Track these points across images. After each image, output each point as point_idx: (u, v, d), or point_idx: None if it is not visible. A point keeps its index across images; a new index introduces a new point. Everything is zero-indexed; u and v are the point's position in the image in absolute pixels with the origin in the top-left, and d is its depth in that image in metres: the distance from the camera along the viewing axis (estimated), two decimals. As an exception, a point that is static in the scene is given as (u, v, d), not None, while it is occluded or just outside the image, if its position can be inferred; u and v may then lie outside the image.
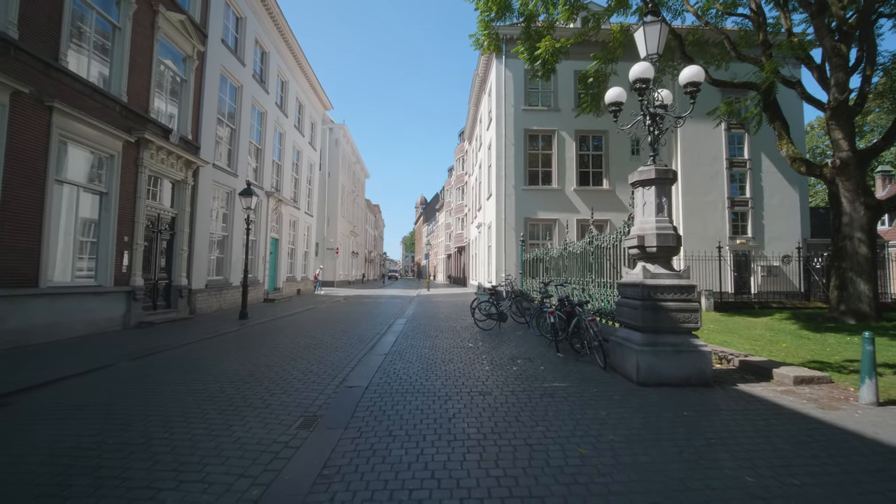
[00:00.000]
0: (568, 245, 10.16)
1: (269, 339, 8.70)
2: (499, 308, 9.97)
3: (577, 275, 9.55)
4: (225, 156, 14.13)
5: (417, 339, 8.56)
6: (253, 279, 16.15)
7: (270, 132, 17.55)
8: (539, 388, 4.98)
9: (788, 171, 19.79)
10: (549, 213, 18.90)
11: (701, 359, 5.04)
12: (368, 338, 8.80)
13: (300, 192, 22.38)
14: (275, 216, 18.65)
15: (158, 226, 10.85)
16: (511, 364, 6.27)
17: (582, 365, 6.13)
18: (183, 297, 11.52)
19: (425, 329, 10.05)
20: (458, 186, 41.06)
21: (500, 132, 19.16)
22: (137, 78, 9.81)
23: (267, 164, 17.24)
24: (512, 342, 8.26)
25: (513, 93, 19.28)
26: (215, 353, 7.14)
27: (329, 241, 31.92)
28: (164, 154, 10.61)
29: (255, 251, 16.43)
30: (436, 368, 6.04)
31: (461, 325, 10.82)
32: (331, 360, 6.62)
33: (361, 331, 9.84)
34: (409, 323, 11.23)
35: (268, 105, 17.17)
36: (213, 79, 12.84)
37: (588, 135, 19.46)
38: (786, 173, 19.83)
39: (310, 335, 9.14)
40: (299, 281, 22.29)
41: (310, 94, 23.46)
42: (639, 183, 5.71)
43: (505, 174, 18.93)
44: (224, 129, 14.00)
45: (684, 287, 5.18)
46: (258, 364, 6.34)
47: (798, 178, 19.94)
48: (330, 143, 32.97)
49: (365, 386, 5.15)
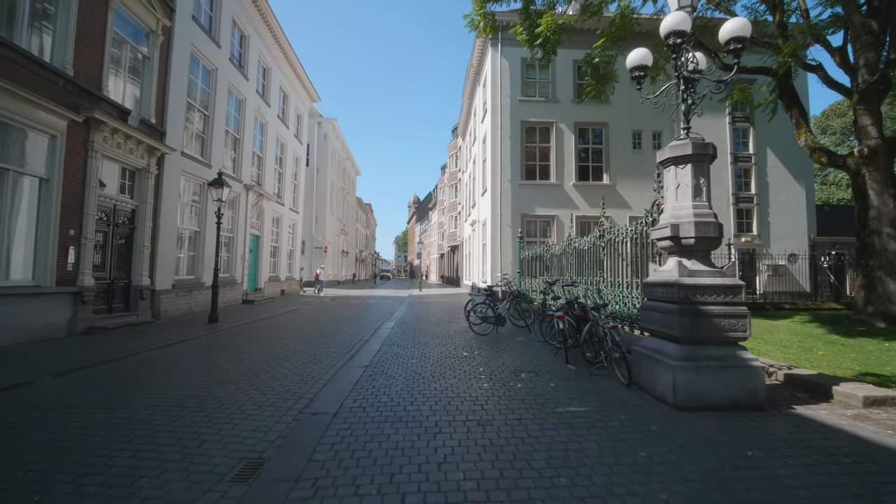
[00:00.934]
0: (572, 241, 9.18)
1: (235, 347, 7.59)
2: (496, 311, 8.95)
3: (583, 274, 8.57)
4: (197, 144, 12.96)
5: (405, 347, 7.50)
6: (230, 279, 14.98)
7: (250, 122, 16.38)
8: (553, 415, 3.97)
9: (794, 167, 19.07)
10: (548, 210, 17.94)
11: (752, 376, 4.06)
12: (349, 346, 7.73)
13: (285, 187, 21.20)
14: (255, 212, 17.47)
15: (115, 218, 9.67)
16: (514, 379, 5.25)
17: (599, 381, 5.13)
18: (144, 299, 10.34)
19: (414, 335, 9.00)
20: (451, 184, 40.04)
21: (495, 124, 18.16)
22: (87, 50, 8.65)
23: (246, 156, 16.06)
24: (512, 350, 7.24)
25: (509, 82, 18.29)
26: (164, 366, 6.03)
27: (317, 239, 30.72)
28: (120, 138, 9.45)
29: (233, 249, 15.26)
30: (424, 386, 4.99)
31: (454, 329, 9.79)
32: (299, 375, 5.54)
33: (343, 337, 8.77)
34: (398, 327, 10.17)
35: (247, 92, 15.99)
36: (182, 58, 11.67)
37: (588, 127, 18.54)
38: (792, 168, 19.12)
39: (283, 342, 8.05)
40: (283, 281, 21.10)
41: (295, 84, 22.28)
42: (670, 161, 4.71)
43: (501, 168, 17.94)
44: (196, 115, 12.83)
45: (730, 287, 4.19)
46: (210, 380, 5.25)
47: (804, 173, 19.22)
48: (318, 137, 31.76)
49: (333, 412, 4.09)
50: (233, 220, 15.33)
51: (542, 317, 8.28)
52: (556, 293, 8.72)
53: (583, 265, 8.61)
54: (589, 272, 8.25)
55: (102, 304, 9.36)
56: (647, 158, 18.50)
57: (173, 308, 11.51)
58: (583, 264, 8.60)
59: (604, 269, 7.27)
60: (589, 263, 8.23)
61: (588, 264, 8.28)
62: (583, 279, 8.33)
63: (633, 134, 18.65)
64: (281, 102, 20.59)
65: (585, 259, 8.41)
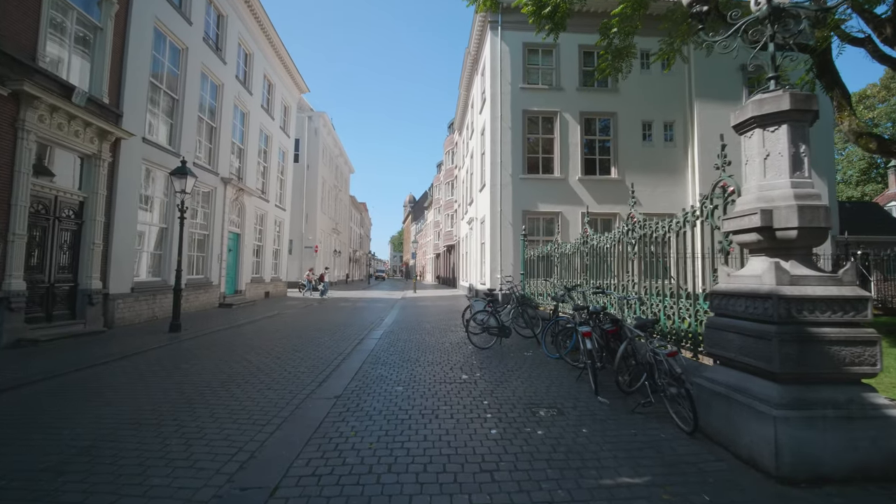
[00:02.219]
0: (589, 238, 7.88)
1: (185, 364, 6.24)
2: (500, 320, 7.64)
3: (602, 277, 7.28)
4: (163, 130, 11.57)
5: (391, 367, 6.18)
6: (203, 280, 13.60)
7: (228, 109, 15.00)
8: (599, 492, 2.66)
9: (815, 162, 17.85)
10: (551, 206, 16.64)
11: (891, 431, 2.76)
12: (324, 363, 6.40)
13: (270, 183, 19.81)
14: (236, 207, 16.08)
15: (56, 212, 8.29)
16: (531, 419, 3.94)
17: (647, 424, 3.82)
18: (94, 305, 8.96)
19: (404, 348, 7.67)
20: (447, 181, 38.72)
21: (495, 113, 16.84)
22: (16, 11, 7.27)
23: (224, 146, 14.68)
24: (522, 371, 5.93)
25: (510, 69, 16.97)
26: (79, 395, 4.67)
27: (307, 238, 29.33)
28: (62, 118, 8.08)
29: (208, 248, 13.87)
30: (410, 433, 3.67)
31: (451, 340, 8.47)
32: (248, 410, 4.20)
33: (320, 350, 7.43)
34: (386, 338, 8.84)
35: (225, 77, 14.61)
36: (143, 32, 10.29)
37: (594, 117, 17.26)
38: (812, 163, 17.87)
39: (246, 358, 6.70)
40: (268, 282, 19.71)
41: (281, 73, 20.89)
42: (755, 121, 3.39)
43: (501, 161, 16.62)
44: (162, 98, 11.45)
45: (851, 300, 2.90)
46: (126, 421, 3.90)
47: (826, 169, 18.01)
48: (309, 132, 30.36)
49: (273, 486, 2.76)
50: (208, 215, 13.95)
51: (555, 328, 6.98)
52: (576, 300, 7.41)
53: (603, 266, 7.31)
54: (610, 275, 6.96)
55: (39, 311, 7.98)
56: (657, 151, 17.26)
57: (132, 314, 10.12)
58: (603, 265, 7.31)
59: (635, 271, 5.96)
60: (611, 265, 6.94)
61: (610, 266, 6.99)
62: (608, 284, 7.02)
63: (644, 125, 17.38)
64: (265, 91, 19.20)
65: (607, 259, 7.11)
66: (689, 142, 17.41)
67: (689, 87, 17.57)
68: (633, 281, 6.05)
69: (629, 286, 6.14)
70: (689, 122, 17.47)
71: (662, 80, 17.53)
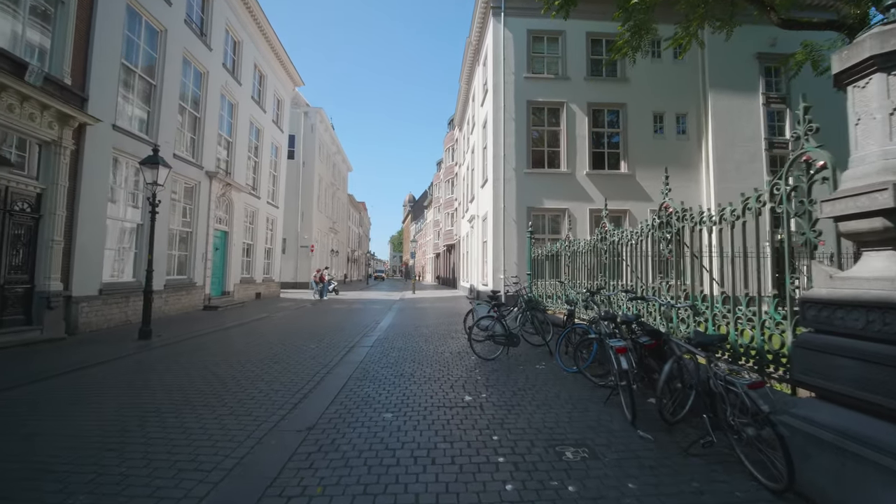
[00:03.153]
0: (609, 234, 6.95)
1: (140, 381, 5.32)
2: (507, 326, 6.71)
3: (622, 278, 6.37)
4: (137, 118, 10.65)
5: (380, 385, 5.25)
6: (186, 281, 12.68)
7: (214, 99, 14.08)
8: None
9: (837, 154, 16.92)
10: (557, 202, 15.71)
11: None
12: (305, 378, 5.48)
13: (261, 178, 18.88)
14: (223, 204, 15.16)
15: (7, 204, 7.37)
16: (556, 466, 3.01)
17: (710, 472, 2.89)
18: (54, 308, 8.03)
19: (398, 359, 6.74)
20: (447, 179, 37.80)
21: (497, 104, 15.91)
22: (-46, -26, 6.36)
23: (209, 138, 13.75)
24: (537, 390, 5.00)
25: (513, 57, 16.05)
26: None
27: (303, 237, 28.39)
28: (13, 98, 7.16)
29: (191, 246, 12.95)
30: (394, 494, 2.74)
31: (451, 349, 7.54)
32: (189, 455, 3.26)
33: (302, 361, 6.51)
34: (379, 346, 7.92)
35: (211, 65, 13.69)
36: (113, 10, 9.36)
37: (602, 108, 16.32)
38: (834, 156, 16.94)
39: (214, 372, 5.78)
40: (259, 283, 18.78)
41: (273, 64, 19.96)
42: (877, 62, 2.44)
43: (504, 154, 15.69)
44: (137, 82, 10.52)
45: None
46: (24, 464, 2.97)
47: (845, 162, 17.08)
48: (305, 128, 29.43)
49: None
50: (191, 211, 13.03)
51: (571, 337, 6.06)
52: (601, 306, 6.46)
53: (625, 266, 6.40)
54: (636, 277, 6.04)
55: (-14, 316, 7.07)
56: (669, 144, 16.33)
57: (100, 319, 9.20)
58: (625, 265, 6.39)
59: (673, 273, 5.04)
60: (637, 264, 6.02)
61: (636, 265, 6.07)
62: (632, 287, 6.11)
63: (655, 116, 16.45)
64: (256, 82, 18.27)
65: (632, 258, 6.20)
66: (702, 134, 16.48)
67: (702, 76, 16.64)
68: (668, 283, 5.12)
69: (662, 289, 5.21)
70: (702, 114, 16.55)
71: (674, 69, 16.63)
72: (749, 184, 16.41)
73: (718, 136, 16.26)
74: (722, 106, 16.40)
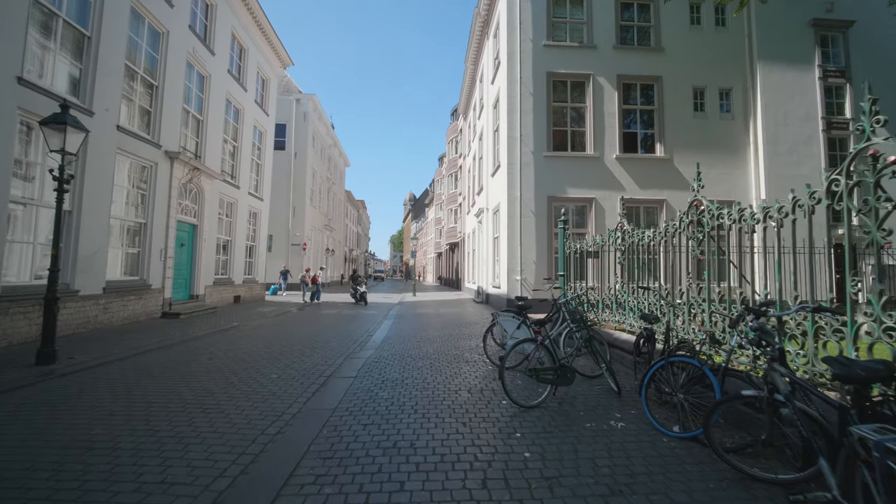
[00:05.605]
0: (703, 213, 4.67)
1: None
2: (557, 354, 4.43)
3: (732, 280, 4.11)
4: (63, 75, 8.38)
5: (356, 478, 2.97)
6: (139, 283, 10.42)
7: (178, 66, 11.80)
8: None
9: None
10: (583, 190, 13.44)
11: None
12: (237, 449, 3.21)
13: (241, 166, 16.60)
14: (190, 192, 12.90)
15: None
16: None
17: None
18: (-87, 324, 5.77)
19: (392, 406, 4.46)
20: (450, 173, 35.53)
21: (513, 77, 13.64)
22: None
23: (170, 113, 11.48)
24: (637, 485, 2.72)
25: (531, 22, 13.78)
26: None
27: (295, 234, 26.14)
28: None
29: (145, 241, 10.68)
30: None
31: (469, 384, 5.25)
32: None
33: (250, 406, 4.24)
34: (366, 376, 5.64)
35: (172, 24, 11.42)
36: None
37: (635, 82, 14.04)
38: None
39: (114, 423, 3.50)
40: (239, 284, 16.51)
41: (257, 38, 17.70)
42: None
43: (521, 135, 13.42)
44: (61, 29, 8.25)
45: None
46: None
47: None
48: (297, 116, 27.18)
49: None
50: (144, 198, 10.76)
51: (670, 376, 3.80)
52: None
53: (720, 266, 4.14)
54: (744, 281, 3.79)
55: None
56: (712, 124, 14.06)
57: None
58: (729, 262, 4.13)
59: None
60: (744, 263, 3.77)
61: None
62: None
63: (695, 92, 14.18)
64: (234, 55, 16.01)
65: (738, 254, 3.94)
66: (750, 113, 14.20)
67: (748, 46, 14.36)
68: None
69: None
70: (749, 89, 14.26)
71: (717, 37, 14.37)
72: (805, 169, 14.12)
73: (768, 114, 13.99)
74: (772, 80, 14.13)
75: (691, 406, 3.63)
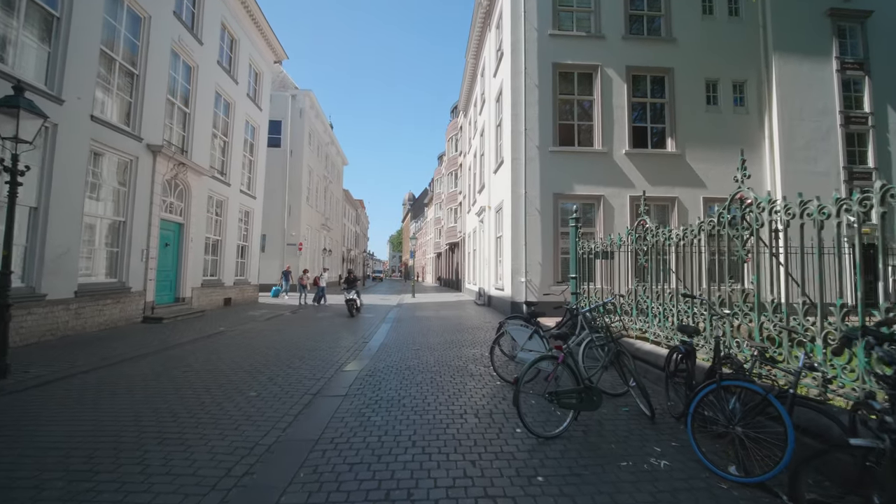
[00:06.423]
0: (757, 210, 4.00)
1: None
2: (581, 375, 3.75)
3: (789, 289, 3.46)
4: (31, 60, 7.67)
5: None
6: (118, 286, 9.71)
7: (161, 55, 11.09)
8: None
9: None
10: (590, 188, 12.76)
11: None
12: (194, 496, 2.52)
13: (232, 162, 15.88)
14: (175, 188, 12.19)
15: None
16: None
17: None
18: None
19: (386, 438, 3.77)
20: (449, 171, 34.84)
21: (517, 68, 12.96)
22: None
23: (151, 102, 10.76)
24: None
25: (535, 10, 13.10)
26: None
27: (290, 234, 25.42)
28: None
29: (123, 240, 9.97)
30: None
31: (476, 405, 4.56)
32: None
33: (218, 435, 3.56)
34: (358, 394, 4.95)
35: (154, 9, 10.70)
36: None
37: (645, 74, 13.37)
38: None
39: (46, 461, 2.80)
40: (230, 286, 15.79)
41: (249, 28, 16.97)
42: None
43: (525, 129, 12.74)
44: (24, 6, 7.54)
45: None
46: None
47: (938, 141, 14.17)
48: (293, 112, 26.44)
49: None
50: (124, 195, 10.05)
51: (724, 406, 3.12)
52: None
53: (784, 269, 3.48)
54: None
55: None
56: (725, 118, 13.40)
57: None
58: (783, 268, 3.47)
59: None
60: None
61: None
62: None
63: (707, 84, 13.52)
64: (225, 46, 15.30)
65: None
66: (765, 107, 13.54)
67: (763, 37, 13.70)
68: None
69: None
70: (764, 82, 13.60)
71: (730, 27, 13.70)
72: (822, 165, 13.34)
73: (784, 108, 13.33)
74: (788, 72, 13.47)
75: (752, 442, 2.96)
